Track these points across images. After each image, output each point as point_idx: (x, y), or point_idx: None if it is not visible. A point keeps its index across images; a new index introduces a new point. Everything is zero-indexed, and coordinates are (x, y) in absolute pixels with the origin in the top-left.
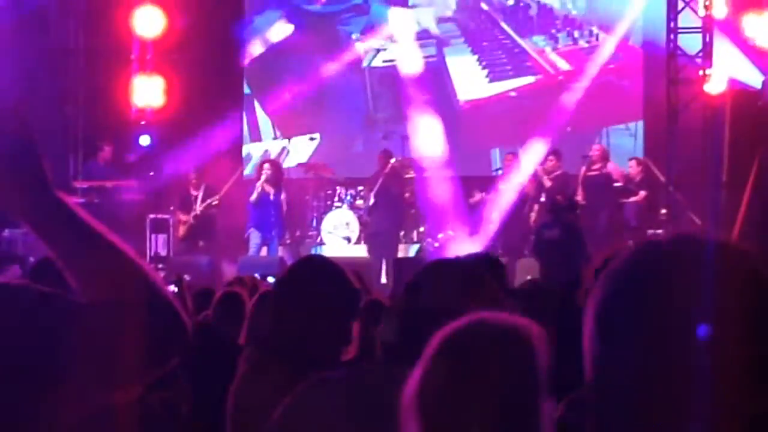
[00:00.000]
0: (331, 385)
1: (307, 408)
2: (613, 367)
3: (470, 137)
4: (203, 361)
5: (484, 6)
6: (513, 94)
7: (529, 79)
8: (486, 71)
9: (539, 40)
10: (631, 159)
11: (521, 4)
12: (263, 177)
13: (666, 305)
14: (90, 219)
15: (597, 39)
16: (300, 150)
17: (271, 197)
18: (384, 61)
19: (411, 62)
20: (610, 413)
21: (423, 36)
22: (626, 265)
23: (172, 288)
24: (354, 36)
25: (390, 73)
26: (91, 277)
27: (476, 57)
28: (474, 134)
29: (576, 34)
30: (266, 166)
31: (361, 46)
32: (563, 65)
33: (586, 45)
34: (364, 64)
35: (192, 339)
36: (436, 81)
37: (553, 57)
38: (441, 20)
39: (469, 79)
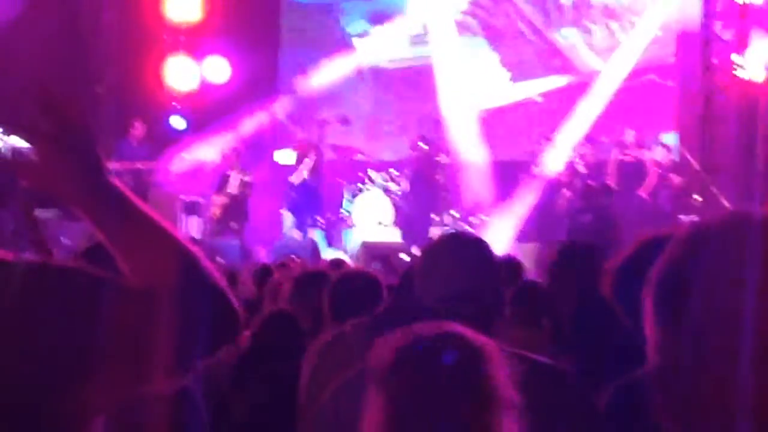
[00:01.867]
0: None
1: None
2: (677, 349)
3: (502, 125)
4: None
5: None
6: (539, 98)
7: (557, 81)
8: (506, 70)
9: (570, 33)
10: (659, 144)
11: None
12: (307, 160)
13: (726, 286)
14: (141, 204)
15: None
16: (332, 132)
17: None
18: (390, 61)
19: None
20: (676, 397)
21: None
22: (683, 249)
23: None
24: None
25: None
26: (141, 263)
27: (497, 54)
28: (504, 123)
29: (615, 26)
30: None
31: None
32: (597, 64)
33: (626, 39)
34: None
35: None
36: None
37: (586, 53)
38: (455, 11)
39: (488, 80)
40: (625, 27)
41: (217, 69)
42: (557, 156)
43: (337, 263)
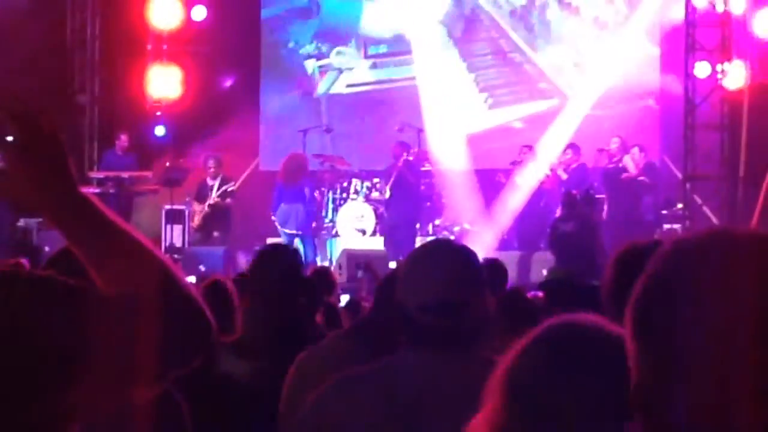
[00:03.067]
0: (358, 381)
1: (335, 404)
2: (656, 367)
3: (476, 94)
4: None
5: (485, 5)
6: (519, 124)
7: (540, 105)
8: (485, 95)
9: (558, 52)
10: (634, 146)
11: (537, 2)
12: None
13: (705, 304)
14: (112, 215)
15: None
16: (315, 142)
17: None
18: (348, 86)
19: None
20: (655, 415)
21: (396, 46)
22: (662, 265)
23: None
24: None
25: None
26: (112, 272)
27: (473, 76)
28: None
29: (606, 38)
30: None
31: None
32: (587, 87)
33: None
34: (320, 92)
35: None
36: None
37: (574, 76)
38: (424, 24)
39: (462, 105)
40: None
41: (200, 77)
42: (539, 164)
43: (321, 271)
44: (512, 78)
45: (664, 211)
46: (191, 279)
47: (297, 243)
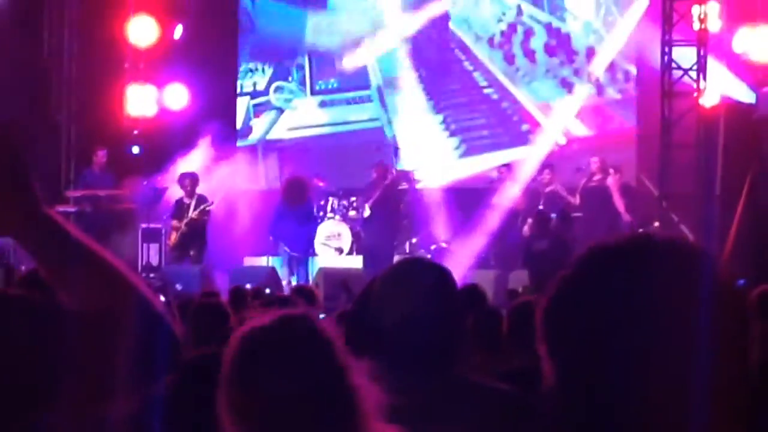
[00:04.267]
0: None
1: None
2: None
3: (446, 139)
4: None
5: (458, 32)
6: (495, 174)
7: (522, 153)
8: (457, 141)
9: (545, 87)
10: (610, 167)
11: (519, 28)
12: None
13: (610, 313)
14: (79, 234)
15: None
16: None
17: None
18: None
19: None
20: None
21: (351, 81)
22: (578, 269)
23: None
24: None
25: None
26: (78, 291)
27: (441, 117)
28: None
29: (604, 78)
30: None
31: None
32: (578, 128)
33: (618, 96)
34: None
35: None
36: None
37: (563, 115)
38: (384, 53)
39: (429, 152)
40: (617, 79)
41: (177, 96)
42: (516, 183)
43: (300, 290)
44: (490, 119)
45: (641, 230)
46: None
47: (274, 262)
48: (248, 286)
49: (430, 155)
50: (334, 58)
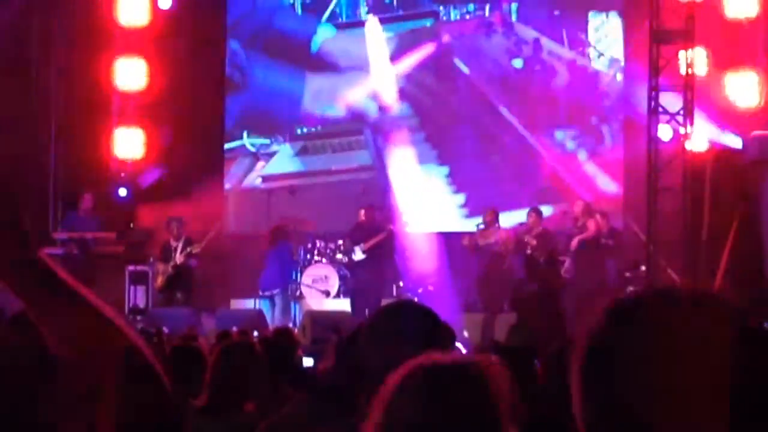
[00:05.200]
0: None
1: None
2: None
3: (450, 195)
4: None
5: (465, 70)
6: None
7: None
8: (462, 198)
9: (569, 136)
10: (597, 212)
11: (540, 66)
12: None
13: (650, 360)
14: (69, 278)
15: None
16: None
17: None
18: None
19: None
20: None
21: (341, 125)
22: (604, 322)
23: None
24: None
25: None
26: (67, 336)
27: (446, 170)
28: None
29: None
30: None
31: None
32: (607, 184)
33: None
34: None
35: None
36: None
37: (590, 167)
38: (377, 96)
39: (431, 208)
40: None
41: (163, 138)
42: (502, 226)
43: (283, 332)
44: (502, 173)
45: (628, 274)
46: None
47: (261, 304)
48: (234, 328)
49: (431, 210)
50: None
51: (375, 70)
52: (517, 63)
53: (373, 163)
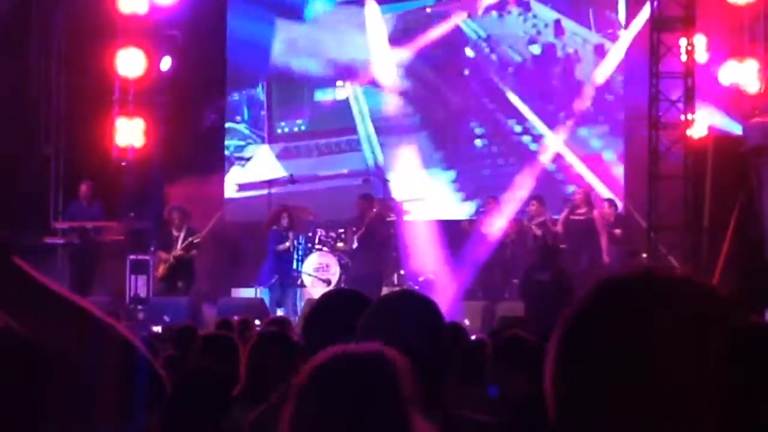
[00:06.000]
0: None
1: None
2: (575, 407)
3: (452, 182)
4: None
5: (476, 57)
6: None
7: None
8: (474, 206)
9: (595, 135)
10: (605, 200)
11: (560, 51)
12: (283, 225)
13: (624, 345)
14: (49, 283)
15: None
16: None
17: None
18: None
19: None
20: None
21: (330, 122)
22: (583, 306)
23: None
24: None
25: None
26: (45, 336)
27: (452, 174)
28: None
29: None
30: (284, 214)
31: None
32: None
33: (606, 127)
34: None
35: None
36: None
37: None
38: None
39: (431, 199)
40: None
41: (166, 127)
42: (503, 214)
43: (279, 322)
44: (521, 176)
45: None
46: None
47: (262, 293)
48: (235, 317)
49: (432, 200)
50: (303, 89)
51: (374, 56)
52: (535, 49)
53: (368, 167)
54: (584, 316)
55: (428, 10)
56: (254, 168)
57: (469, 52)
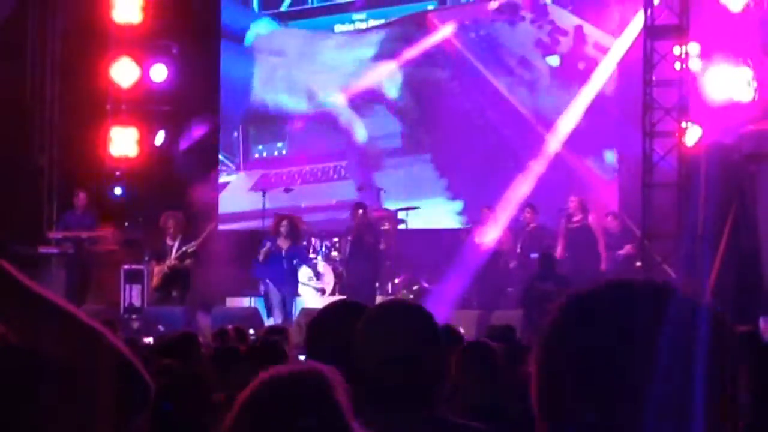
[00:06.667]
0: None
1: None
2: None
3: (446, 190)
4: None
5: (480, 68)
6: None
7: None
8: (453, 197)
9: (618, 155)
10: (608, 214)
11: (583, 63)
12: (282, 232)
13: (600, 356)
14: (35, 286)
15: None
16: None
17: (284, 252)
18: None
19: None
20: None
21: (312, 145)
22: (562, 312)
23: None
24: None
25: None
26: (34, 342)
27: (460, 205)
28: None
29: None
30: (284, 222)
31: None
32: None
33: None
34: None
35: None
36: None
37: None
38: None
39: (421, 206)
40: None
41: (159, 137)
42: (498, 223)
43: (277, 331)
44: (534, 205)
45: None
46: (149, 339)
47: (256, 302)
48: (230, 326)
49: (427, 210)
50: (278, 120)
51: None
52: (553, 60)
53: (358, 194)
54: (557, 331)
55: (428, 10)
56: (228, 198)
57: (476, 64)
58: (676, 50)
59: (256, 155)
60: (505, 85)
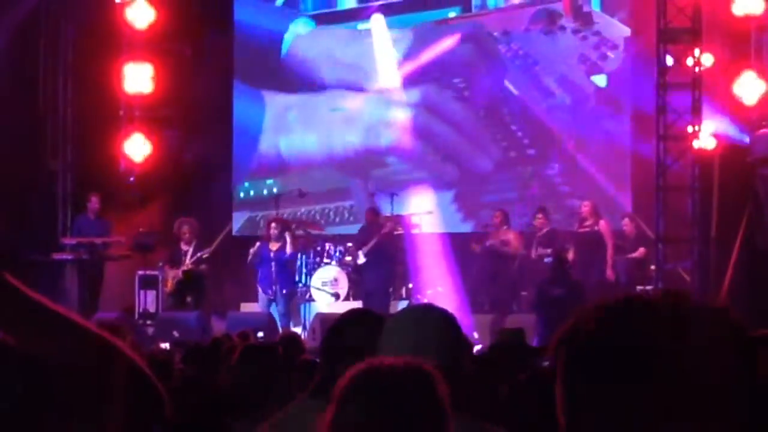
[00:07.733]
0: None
1: None
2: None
3: (459, 196)
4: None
5: (511, 89)
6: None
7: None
8: (466, 202)
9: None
10: (624, 217)
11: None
12: (272, 235)
13: (629, 366)
14: (40, 298)
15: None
16: (289, 206)
17: (272, 255)
18: None
19: None
20: None
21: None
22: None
23: None
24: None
25: None
26: (42, 353)
27: (462, 188)
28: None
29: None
30: (273, 225)
31: None
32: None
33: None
34: None
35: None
36: None
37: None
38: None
39: (435, 210)
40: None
41: (172, 142)
42: (511, 228)
43: (290, 337)
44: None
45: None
46: (165, 345)
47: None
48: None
49: (441, 214)
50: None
51: (380, 83)
52: (600, 80)
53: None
54: (586, 340)
55: (450, 18)
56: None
57: (507, 85)
58: (689, 53)
59: (242, 194)
60: (545, 107)
